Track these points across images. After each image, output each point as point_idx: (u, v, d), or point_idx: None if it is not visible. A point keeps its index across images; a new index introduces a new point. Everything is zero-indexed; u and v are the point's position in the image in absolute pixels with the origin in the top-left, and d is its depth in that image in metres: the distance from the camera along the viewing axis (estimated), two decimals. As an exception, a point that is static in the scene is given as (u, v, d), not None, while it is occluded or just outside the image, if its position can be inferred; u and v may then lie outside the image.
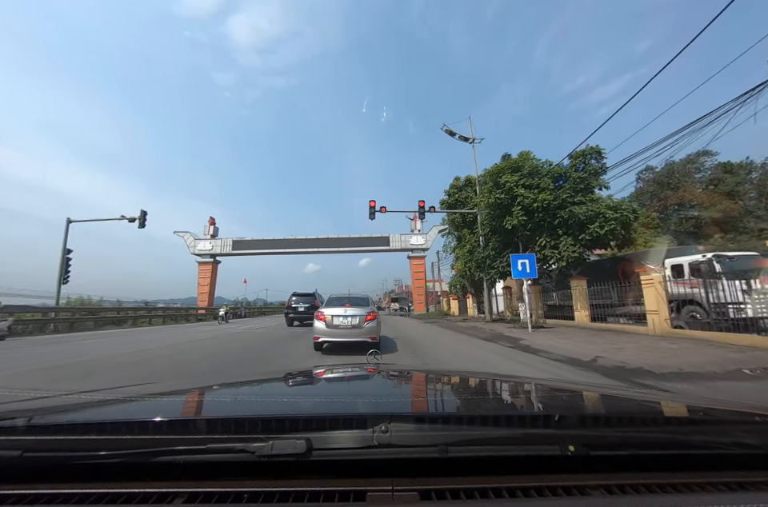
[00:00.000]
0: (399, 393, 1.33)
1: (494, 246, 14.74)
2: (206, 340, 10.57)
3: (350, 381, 1.60)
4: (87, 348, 8.86)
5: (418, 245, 36.80)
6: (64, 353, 7.91)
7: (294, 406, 1.04)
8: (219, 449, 0.65)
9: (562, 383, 1.78)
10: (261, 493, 0.58)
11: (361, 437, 0.65)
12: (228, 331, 14.30)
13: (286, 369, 3.84)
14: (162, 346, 8.94)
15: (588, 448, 0.66)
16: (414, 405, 1.09)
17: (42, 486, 0.60)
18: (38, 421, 0.81)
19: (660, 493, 0.59)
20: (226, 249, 37.25)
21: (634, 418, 0.87)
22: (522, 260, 11.71)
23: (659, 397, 1.44)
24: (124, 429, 0.72)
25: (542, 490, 0.59)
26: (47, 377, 5.02)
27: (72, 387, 4.37)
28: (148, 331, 15.27)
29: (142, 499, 0.58)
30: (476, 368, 5.67)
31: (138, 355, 7.33)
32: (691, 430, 0.79)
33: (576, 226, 12.11)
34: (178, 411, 1.04)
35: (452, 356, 7.21)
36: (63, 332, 14.76)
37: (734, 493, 0.59)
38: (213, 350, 8.30)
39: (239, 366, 5.97)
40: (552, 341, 8.72)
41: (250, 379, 1.72)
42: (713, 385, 4.20)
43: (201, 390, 1.34)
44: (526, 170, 13.45)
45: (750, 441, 0.71)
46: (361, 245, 37.41)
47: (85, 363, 6.32)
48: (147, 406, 1.06)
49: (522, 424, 0.77)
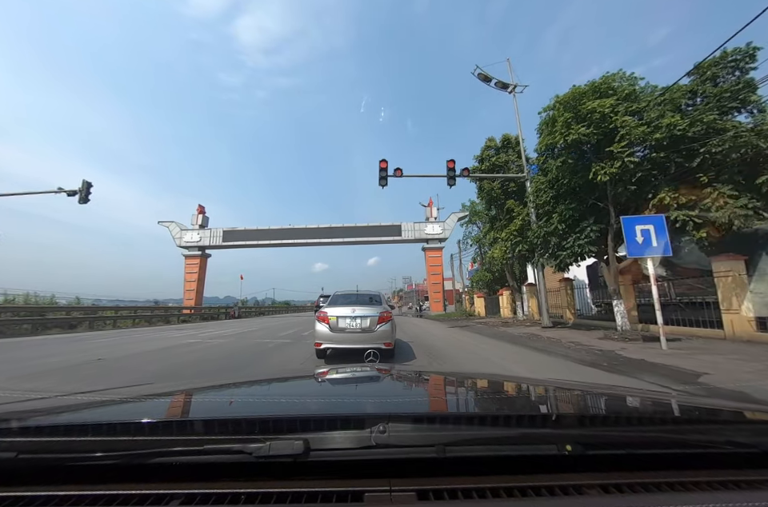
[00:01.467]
0: (397, 394, 1.31)
1: (564, 217, 9.78)
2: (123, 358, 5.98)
3: (347, 382, 1.58)
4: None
5: (435, 235, 31.90)
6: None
7: (291, 407, 1.02)
8: (216, 450, 0.64)
9: (559, 383, 1.62)
10: (258, 493, 0.58)
11: (358, 438, 0.65)
12: (175, 341, 9.74)
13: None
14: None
15: (585, 447, 0.66)
16: (412, 405, 1.07)
17: (38, 488, 0.60)
18: (34, 422, 0.82)
19: (656, 491, 0.59)
20: (216, 241, 32.81)
21: (630, 417, 0.89)
22: (643, 225, 6.82)
23: (655, 397, 1.41)
24: (120, 430, 0.71)
25: (539, 490, 0.59)
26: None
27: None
28: (78, 339, 10.79)
29: (138, 500, 0.57)
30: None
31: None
32: (686, 429, 0.79)
33: (742, 167, 7.12)
34: (174, 412, 1.03)
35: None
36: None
37: (729, 492, 0.59)
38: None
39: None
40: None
41: (247, 380, 1.72)
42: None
43: (198, 391, 1.33)
44: (621, 94, 8.57)
45: (745, 439, 0.71)
46: (369, 234, 32.61)
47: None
48: (143, 407, 1.04)
49: (519, 423, 0.77)
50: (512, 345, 8.47)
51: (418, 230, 32.14)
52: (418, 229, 32.20)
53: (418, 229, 32.16)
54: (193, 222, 33.68)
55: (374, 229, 32.63)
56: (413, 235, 32.12)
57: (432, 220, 32.51)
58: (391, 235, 32.40)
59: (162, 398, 1.15)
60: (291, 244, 33.56)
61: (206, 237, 32.85)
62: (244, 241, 33.03)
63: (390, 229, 32.55)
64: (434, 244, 32.03)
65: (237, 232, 33.27)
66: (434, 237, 31.93)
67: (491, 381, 1.61)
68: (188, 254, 32.92)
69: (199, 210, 34.17)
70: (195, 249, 32.83)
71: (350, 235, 32.47)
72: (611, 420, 0.86)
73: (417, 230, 32.15)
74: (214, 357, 6.75)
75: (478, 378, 1.72)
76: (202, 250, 33.12)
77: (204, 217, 34.19)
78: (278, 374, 1.81)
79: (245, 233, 33.17)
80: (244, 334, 12.20)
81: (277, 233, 32.91)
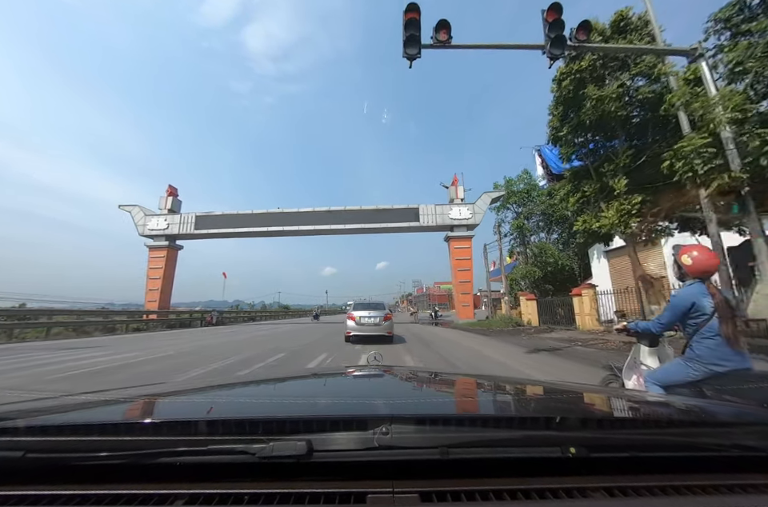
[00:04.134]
0: (400, 395, 1.28)
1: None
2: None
3: (350, 383, 1.54)
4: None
5: (462, 220, 24.90)
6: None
7: (294, 408, 1.01)
8: (220, 451, 0.64)
9: (563, 385, 1.58)
10: (261, 494, 0.58)
11: (361, 439, 0.65)
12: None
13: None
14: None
15: (589, 450, 0.66)
16: (415, 406, 1.05)
17: (43, 487, 0.60)
18: (40, 421, 0.82)
19: (661, 495, 0.59)
20: (187, 229, 26.13)
21: (635, 420, 0.91)
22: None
23: (660, 399, 1.40)
24: (125, 430, 0.72)
25: (542, 492, 0.59)
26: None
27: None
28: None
29: (142, 500, 0.57)
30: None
31: None
32: (692, 432, 0.77)
33: None
34: (178, 412, 1.01)
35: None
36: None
37: (735, 496, 0.59)
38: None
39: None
40: None
41: (250, 380, 1.70)
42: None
43: (201, 391, 1.34)
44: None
45: (751, 443, 0.70)
46: (378, 220, 25.75)
47: None
48: (148, 407, 1.05)
49: (523, 425, 0.76)
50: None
51: (441, 214, 25.22)
52: (440, 212, 25.28)
53: (440, 213, 25.24)
54: (161, 206, 27.18)
55: (385, 214, 25.76)
56: (433, 220, 25.19)
57: (458, 202, 25.63)
58: (407, 220, 25.52)
59: (167, 398, 1.17)
60: (280, 232, 26.79)
61: (175, 223, 26.21)
62: (221, 229, 26.40)
63: (405, 213, 25.67)
64: (460, 231, 25.03)
65: (212, 217, 26.60)
66: (461, 224, 24.95)
67: (495, 383, 1.60)
68: (153, 245, 26.25)
69: (169, 192, 27.61)
70: (162, 239, 26.17)
71: (355, 220, 25.69)
72: (616, 422, 0.86)
73: (439, 214, 25.24)
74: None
75: (482, 380, 1.71)
76: (171, 240, 26.51)
77: (175, 200, 27.68)
78: (280, 375, 1.87)
79: (222, 219, 26.46)
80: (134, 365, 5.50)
81: (262, 218, 26.11)
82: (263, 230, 26.34)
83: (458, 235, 24.98)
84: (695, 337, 2.16)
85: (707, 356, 2.09)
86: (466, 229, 25.16)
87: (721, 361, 2.06)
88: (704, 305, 2.11)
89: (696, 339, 2.15)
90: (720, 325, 2.07)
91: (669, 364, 2.38)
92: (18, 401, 1.04)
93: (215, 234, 27.01)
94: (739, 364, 2.06)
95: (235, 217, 26.45)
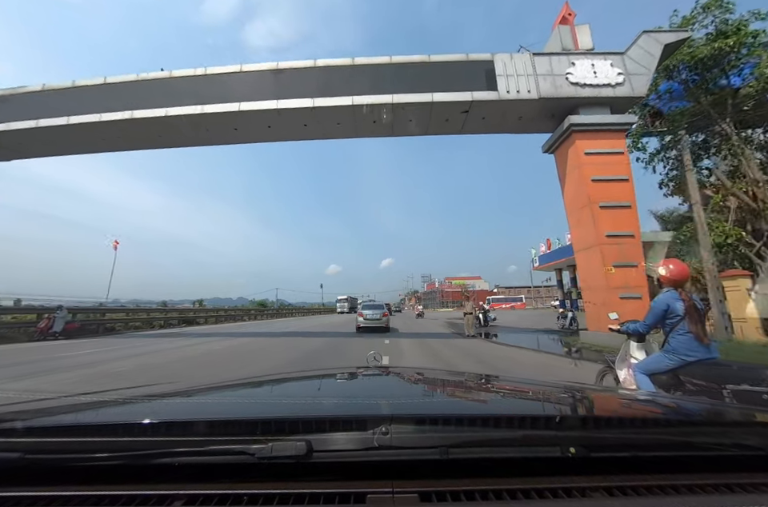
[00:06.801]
0: (400, 395, 1.28)
1: None
2: None
3: (350, 383, 1.55)
4: None
5: (601, 88, 10.39)
6: None
7: (294, 408, 0.99)
8: (219, 451, 0.64)
9: (563, 384, 1.58)
10: (260, 494, 0.58)
11: (361, 439, 0.65)
12: None
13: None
14: None
15: (589, 449, 0.65)
16: (415, 406, 1.04)
17: (42, 489, 0.60)
18: (39, 422, 0.82)
19: (661, 494, 0.59)
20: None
21: (635, 419, 0.88)
22: None
23: (660, 399, 1.41)
24: (123, 431, 0.71)
25: (542, 492, 0.59)
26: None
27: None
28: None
29: (140, 501, 0.57)
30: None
31: None
32: (692, 432, 0.78)
33: None
34: (177, 412, 0.99)
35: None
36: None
37: (735, 495, 0.59)
38: None
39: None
40: None
41: (249, 380, 1.66)
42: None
43: (200, 391, 1.31)
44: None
45: (752, 442, 0.70)
46: (420, 87, 10.90)
47: None
48: (147, 408, 1.02)
49: (522, 425, 0.75)
50: None
51: (547, 76, 10.63)
52: (545, 70, 10.69)
53: (545, 73, 10.67)
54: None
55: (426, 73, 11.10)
56: (531, 87, 10.55)
57: (581, 53, 11.03)
58: (468, 88, 10.79)
59: (165, 399, 1.15)
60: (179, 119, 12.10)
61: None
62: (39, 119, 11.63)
63: (467, 74, 10.95)
64: (596, 112, 10.48)
65: (21, 96, 12.06)
66: (600, 95, 10.38)
67: (494, 382, 1.60)
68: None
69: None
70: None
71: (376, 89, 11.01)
72: (616, 422, 0.86)
73: (543, 76, 10.66)
74: None
75: (482, 379, 1.70)
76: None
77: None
78: (280, 375, 1.85)
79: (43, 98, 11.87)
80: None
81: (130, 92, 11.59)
82: (139, 117, 11.67)
83: (593, 123, 10.34)
84: (671, 334, 2.73)
85: (680, 349, 2.65)
86: (609, 108, 10.56)
87: (691, 353, 2.62)
88: (677, 308, 2.71)
89: (672, 335, 2.73)
90: (689, 324, 2.65)
91: (652, 356, 2.92)
92: (15, 401, 1.04)
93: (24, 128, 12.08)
94: (705, 354, 2.61)
95: (68, 92, 11.70)
